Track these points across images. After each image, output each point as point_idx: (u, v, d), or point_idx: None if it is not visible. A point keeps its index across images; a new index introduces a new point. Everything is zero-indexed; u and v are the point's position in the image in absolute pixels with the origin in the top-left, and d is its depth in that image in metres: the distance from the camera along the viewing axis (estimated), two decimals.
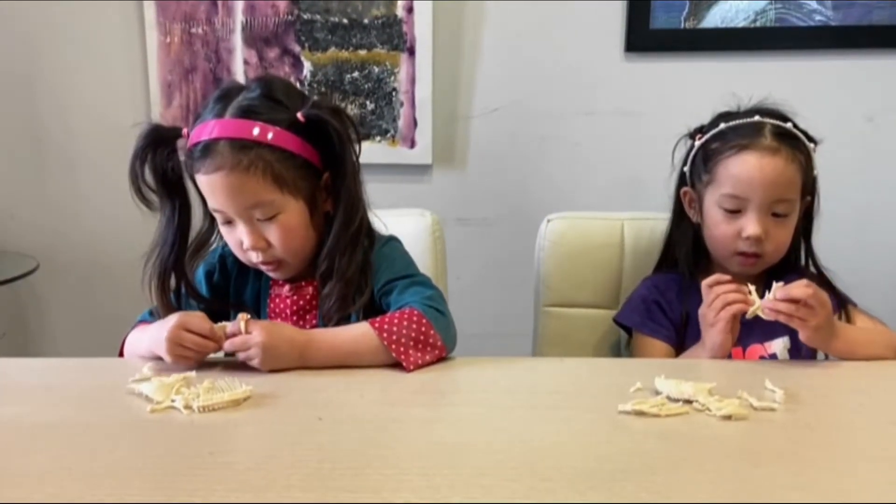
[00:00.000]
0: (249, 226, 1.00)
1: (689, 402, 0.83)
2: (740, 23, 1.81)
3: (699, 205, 1.16)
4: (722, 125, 1.13)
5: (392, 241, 1.13)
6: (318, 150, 1.02)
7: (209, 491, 0.65)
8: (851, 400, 0.89)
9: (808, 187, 1.12)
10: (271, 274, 1.08)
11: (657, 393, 0.86)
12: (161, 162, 1.01)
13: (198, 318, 0.94)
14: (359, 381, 0.91)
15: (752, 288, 1.01)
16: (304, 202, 1.03)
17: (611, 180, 1.92)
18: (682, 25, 1.82)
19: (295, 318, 1.08)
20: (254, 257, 1.03)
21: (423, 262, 1.25)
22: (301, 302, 1.09)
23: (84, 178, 2.03)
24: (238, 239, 1.02)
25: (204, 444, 0.75)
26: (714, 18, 1.81)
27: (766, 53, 1.82)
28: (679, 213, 1.22)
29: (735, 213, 1.09)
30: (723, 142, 1.11)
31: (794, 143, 1.09)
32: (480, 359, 1.00)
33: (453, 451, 0.73)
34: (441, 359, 0.98)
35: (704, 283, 1.04)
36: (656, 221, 1.32)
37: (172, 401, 0.83)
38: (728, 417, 0.80)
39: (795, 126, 1.10)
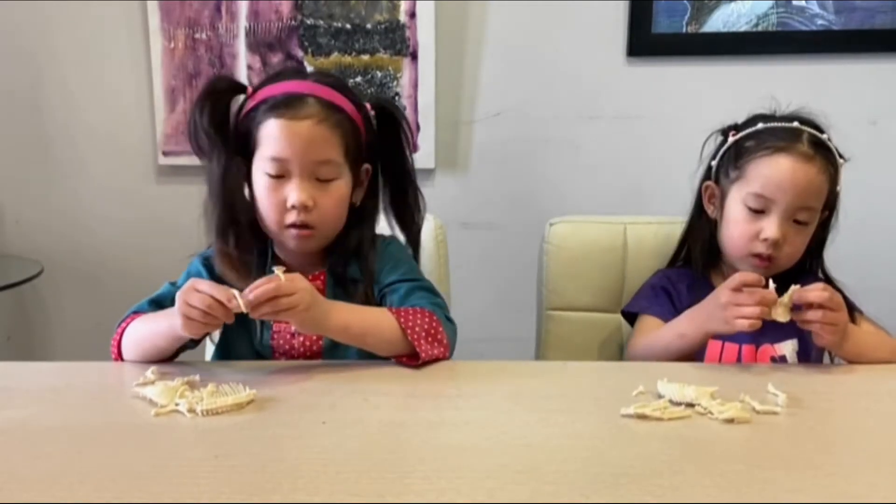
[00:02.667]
0: (307, 182, 1.01)
1: (691, 405, 0.84)
2: (742, 27, 1.81)
3: (720, 201, 1.16)
4: (760, 125, 1.12)
5: (396, 241, 1.15)
6: (368, 143, 1.08)
7: (214, 494, 0.65)
8: (854, 403, 0.89)
9: (830, 201, 1.13)
10: (296, 243, 1.04)
11: (659, 396, 0.86)
12: (221, 110, 1.03)
13: (207, 282, 0.92)
14: (363, 384, 0.92)
15: (774, 296, 1.00)
16: (353, 179, 1.07)
17: (613, 184, 1.92)
18: (684, 30, 1.82)
19: None
20: (293, 217, 1.01)
21: (427, 266, 1.25)
22: None
23: (89, 182, 2.04)
24: (282, 197, 1.01)
25: (208, 448, 0.75)
26: (716, 23, 1.81)
27: (769, 58, 1.83)
28: (699, 208, 1.21)
29: (758, 213, 1.09)
30: (758, 141, 1.11)
31: (827, 154, 1.09)
32: (484, 363, 1.00)
33: (457, 454, 0.73)
34: (444, 359, 1.00)
35: (739, 279, 1.00)
36: (659, 225, 1.32)
37: (176, 404, 0.84)
38: (730, 421, 0.80)
39: (829, 139, 1.11)
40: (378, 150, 1.10)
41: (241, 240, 1.04)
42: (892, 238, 1.89)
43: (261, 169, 1.03)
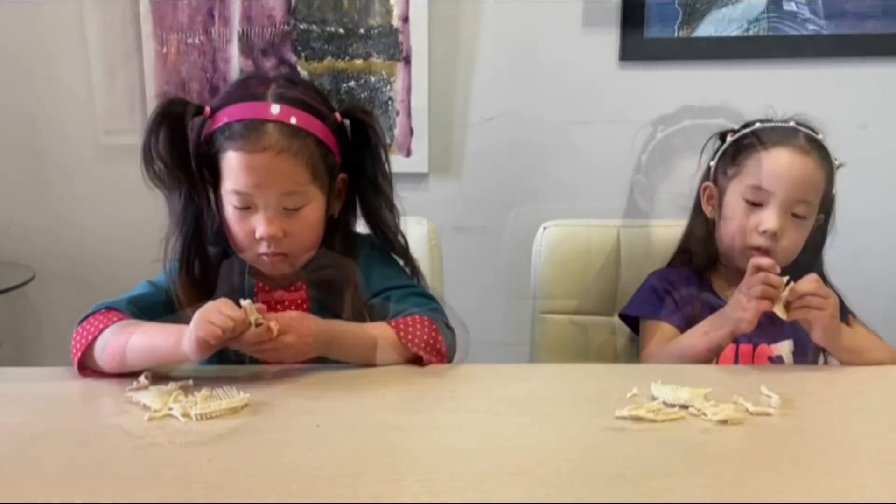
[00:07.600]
0: (273, 213, 0.97)
1: (685, 407, 0.84)
2: (734, 32, 1.82)
3: (718, 200, 1.17)
4: (757, 125, 1.15)
5: (377, 244, 1.11)
6: (341, 152, 1.04)
7: (207, 498, 0.65)
8: (848, 405, 0.89)
9: (826, 202, 1.14)
10: (271, 268, 1.03)
11: (653, 398, 0.86)
12: (178, 137, 0.96)
13: (229, 304, 0.90)
14: (357, 388, 0.92)
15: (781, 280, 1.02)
16: (325, 199, 1.02)
17: (606, 188, 1.92)
18: (676, 34, 1.83)
19: None
20: (263, 248, 0.99)
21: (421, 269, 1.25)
22: (293, 308, 1.06)
23: (80, 188, 2.03)
24: (250, 228, 0.98)
25: (202, 452, 0.75)
26: (708, 27, 1.82)
27: (760, 62, 1.83)
28: (698, 210, 1.22)
29: (756, 206, 1.10)
30: (756, 138, 1.13)
31: (823, 153, 1.12)
32: (478, 365, 1.00)
33: (452, 457, 0.73)
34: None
35: (752, 262, 1.03)
36: (651, 228, 1.33)
37: (170, 409, 0.83)
38: (724, 422, 0.80)
39: (824, 140, 1.13)
40: (352, 159, 1.05)
41: (205, 269, 1.03)
42: (882, 240, 1.89)
43: (227, 199, 0.99)
